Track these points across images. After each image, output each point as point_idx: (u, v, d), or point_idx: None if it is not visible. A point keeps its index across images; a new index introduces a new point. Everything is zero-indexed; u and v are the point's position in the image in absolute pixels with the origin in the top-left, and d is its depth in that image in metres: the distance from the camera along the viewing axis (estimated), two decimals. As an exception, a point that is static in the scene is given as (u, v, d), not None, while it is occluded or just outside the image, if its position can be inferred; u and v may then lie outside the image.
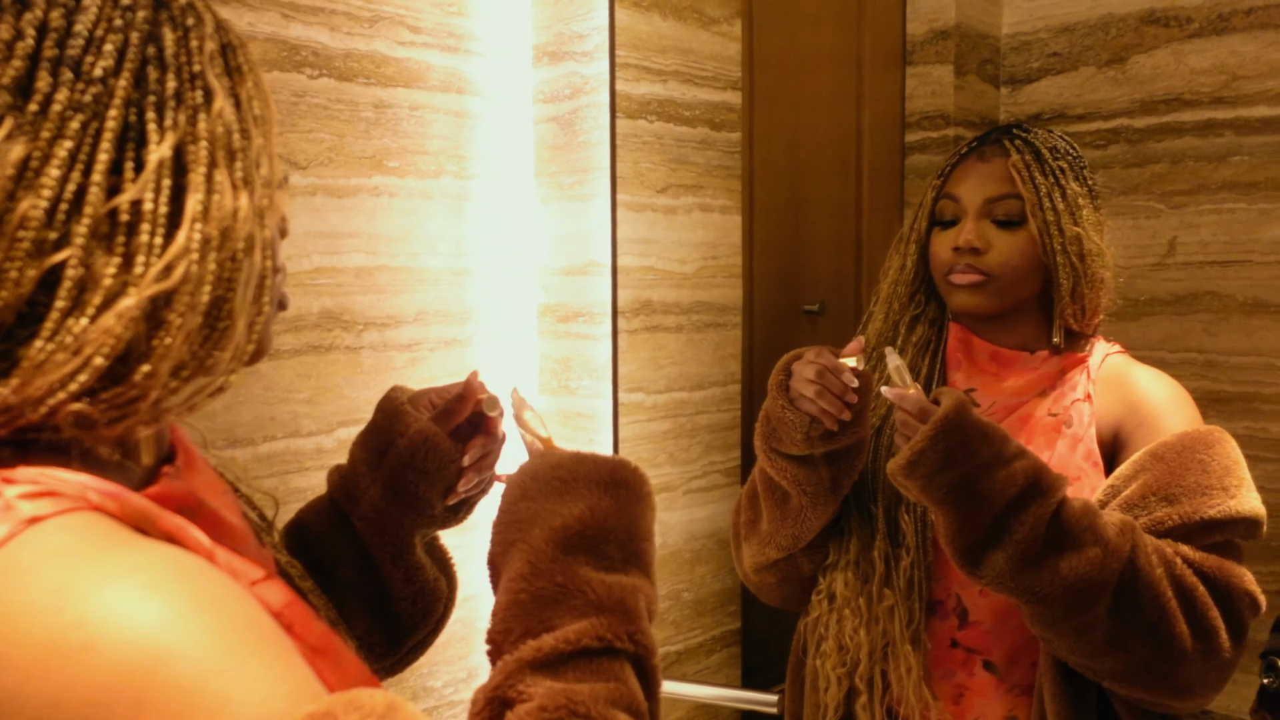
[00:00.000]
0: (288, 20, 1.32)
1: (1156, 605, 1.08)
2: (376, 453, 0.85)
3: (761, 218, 1.93)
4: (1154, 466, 1.15)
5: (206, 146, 0.56)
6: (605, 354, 1.54)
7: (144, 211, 0.54)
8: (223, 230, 0.56)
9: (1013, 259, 1.22)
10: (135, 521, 0.53)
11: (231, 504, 0.68)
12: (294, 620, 0.59)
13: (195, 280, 0.55)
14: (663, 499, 1.63)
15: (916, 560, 1.23)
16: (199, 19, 0.59)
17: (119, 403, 0.54)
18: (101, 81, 0.54)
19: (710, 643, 1.73)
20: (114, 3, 0.56)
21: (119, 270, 0.53)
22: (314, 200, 1.36)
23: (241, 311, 0.58)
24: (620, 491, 0.70)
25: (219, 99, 0.57)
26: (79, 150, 0.53)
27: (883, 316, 1.34)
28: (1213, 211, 2.06)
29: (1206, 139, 2.06)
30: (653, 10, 1.57)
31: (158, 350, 0.54)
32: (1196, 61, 2.06)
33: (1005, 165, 1.23)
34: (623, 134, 1.54)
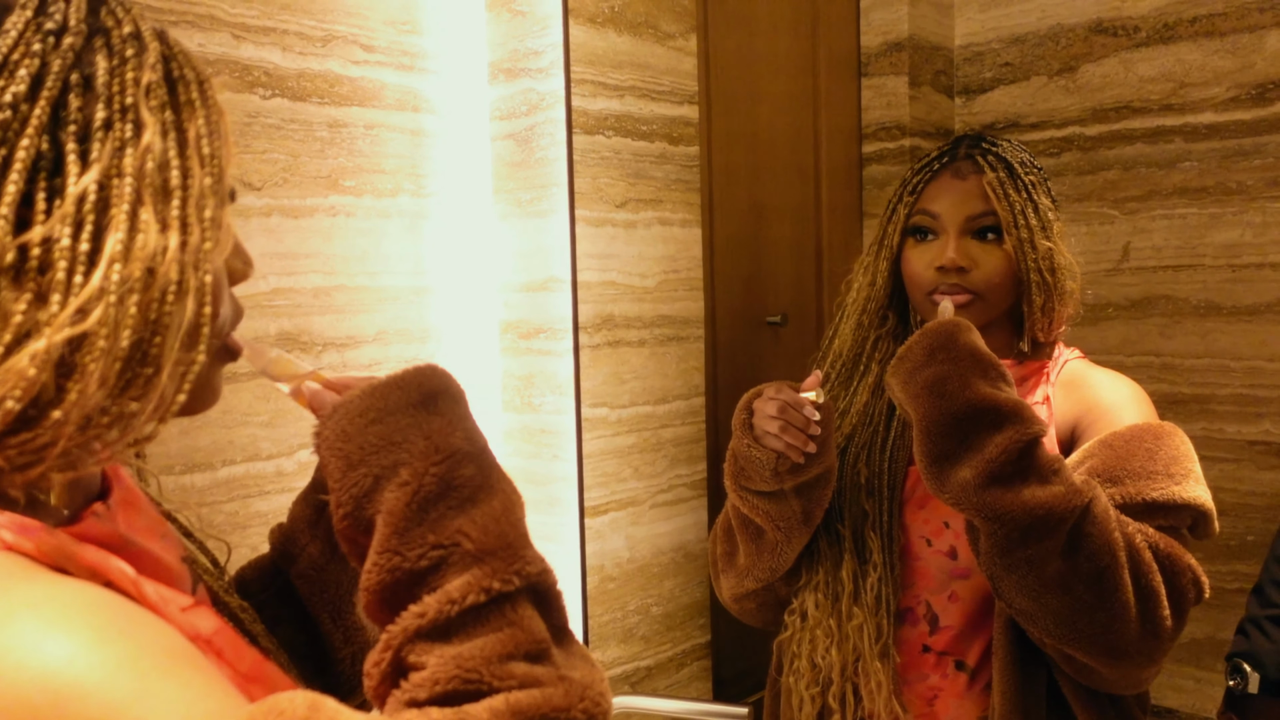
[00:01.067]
0: (239, 41, 1.31)
1: (1107, 553, 1.08)
2: (316, 509, 0.83)
3: (722, 230, 1.94)
4: (1101, 452, 1.17)
5: (132, 182, 0.53)
6: (568, 369, 1.54)
7: (59, 248, 0.51)
8: (146, 271, 0.53)
9: (995, 276, 1.23)
10: (52, 559, 0.51)
11: (171, 546, 0.65)
12: (224, 646, 0.58)
13: (113, 323, 0.51)
14: (628, 513, 1.63)
15: (883, 576, 1.25)
16: (141, 49, 0.56)
17: (28, 449, 0.51)
18: (12, 108, 0.51)
19: (681, 656, 1.73)
20: (37, 27, 0.53)
21: (29, 308, 0.50)
22: (269, 221, 1.35)
23: (168, 359, 0.54)
24: (439, 403, 0.63)
25: (149, 133, 0.54)
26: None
27: (851, 331, 1.34)
28: (1164, 217, 2.09)
29: (1156, 145, 2.09)
30: (608, 26, 1.58)
31: (70, 396, 0.51)
32: (1145, 70, 2.10)
33: (980, 182, 1.24)
34: (580, 149, 1.54)
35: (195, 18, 1.26)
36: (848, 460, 1.29)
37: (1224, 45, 2.01)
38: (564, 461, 1.56)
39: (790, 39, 2.12)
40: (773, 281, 2.09)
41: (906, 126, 2.25)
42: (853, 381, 1.34)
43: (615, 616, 1.62)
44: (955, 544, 1.25)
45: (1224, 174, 2.02)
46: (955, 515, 1.24)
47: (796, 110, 2.14)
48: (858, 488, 1.28)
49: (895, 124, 2.26)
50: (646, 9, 1.63)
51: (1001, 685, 1.18)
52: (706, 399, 1.76)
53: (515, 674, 0.56)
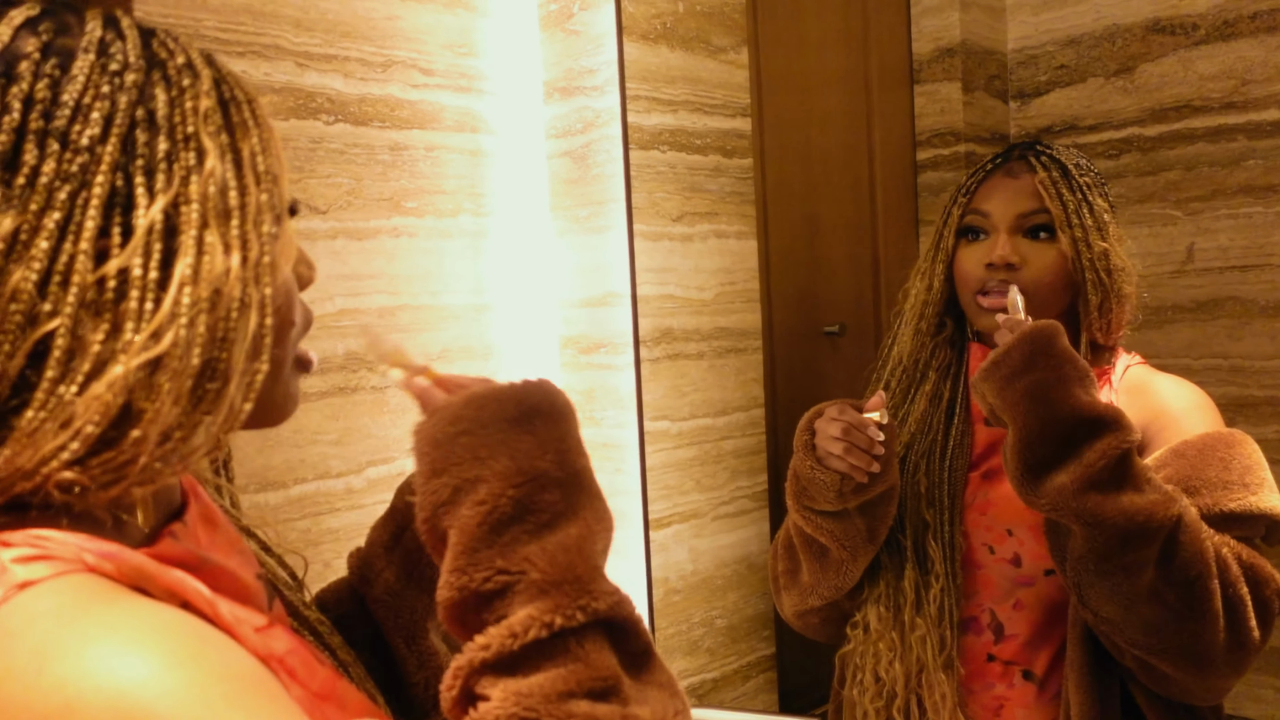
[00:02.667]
0: (302, 69, 1.34)
1: (1200, 562, 1.07)
2: (393, 535, 0.84)
3: (777, 241, 1.94)
4: (1174, 462, 1.15)
5: (198, 208, 0.55)
6: (629, 384, 1.55)
7: (132, 278, 0.53)
8: (213, 291, 0.55)
9: (1046, 275, 1.21)
10: (132, 580, 0.52)
11: (248, 563, 0.67)
12: (297, 666, 0.59)
13: (185, 344, 0.54)
14: (691, 526, 1.63)
15: (946, 587, 1.23)
16: (195, 77, 0.58)
17: (110, 468, 0.53)
18: (89, 150, 0.53)
19: (746, 668, 1.73)
20: (102, 69, 0.55)
21: (107, 337, 0.53)
22: (335, 244, 1.38)
23: (235, 372, 0.57)
24: (535, 423, 0.62)
25: (210, 158, 0.56)
26: (68, 220, 0.53)
27: (910, 337, 1.33)
28: (1229, 216, 2.05)
29: (1219, 144, 2.05)
30: (660, 42, 1.59)
31: (148, 415, 0.53)
32: (1205, 68, 2.07)
33: (1033, 181, 1.23)
34: (636, 165, 1.55)
35: (261, 48, 1.30)
36: (907, 469, 1.28)
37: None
38: (627, 475, 1.56)
39: (841, 48, 2.12)
40: (829, 291, 2.08)
41: (961, 132, 2.23)
42: (911, 389, 1.33)
43: (680, 629, 1.62)
44: (1019, 551, 1.23)
45: (1290, 171, 1.98)
46: (1018, 522, 1.22)
47: (849, 119, 2.14)
48: (918, 497, 1.27)
49: (949, 130, 2.25)
50: (698, 24, 1.65)
51: (1077, 697, 1.16)
52: (766, 410, 1.76)
53: (575, 713, 0.56)
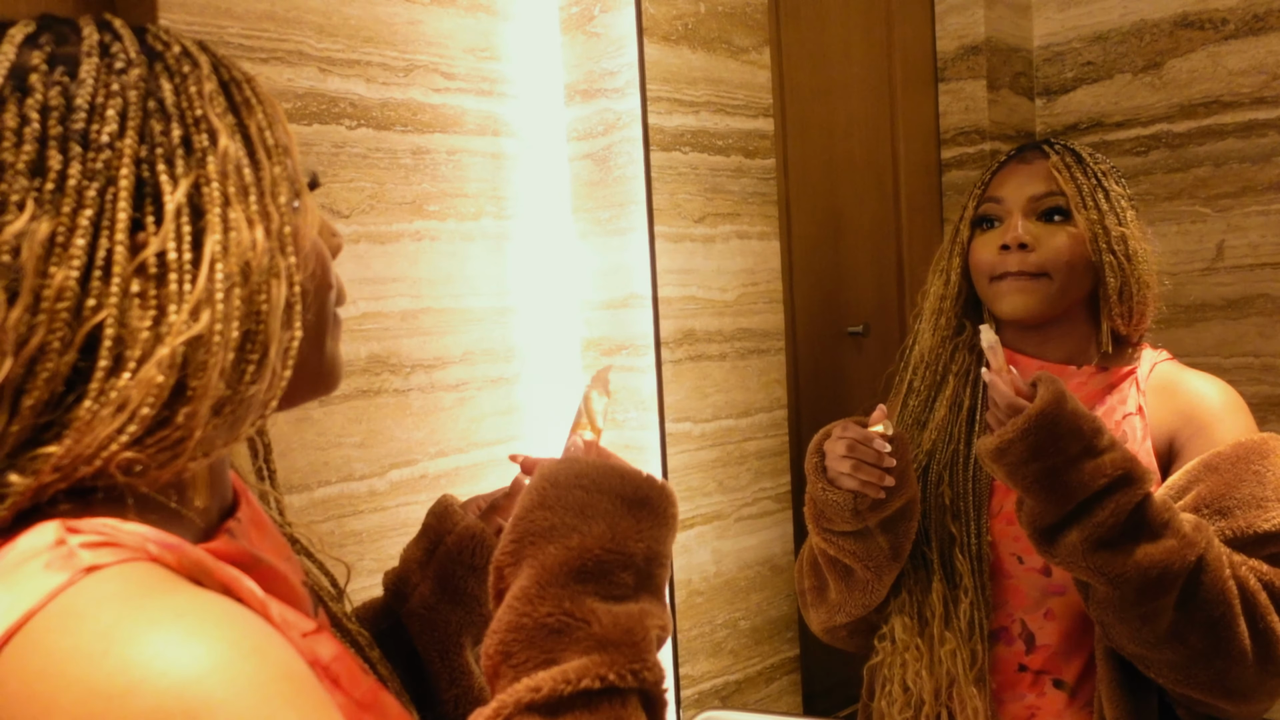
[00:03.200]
0: (325, 74, 1.35)
1: (1221, 602, 1.06)
2: (427, 551, 0.87)
3: (800, 242, 1.93)
4: (1208, 478, 1.13)
5: (218, 186, 0.58)
6: (650, 385, 1.55)
7: (169, 261, 0.56)
8: (243, 265, 0.57)
9: (1063, 254, 1.20)
10: (191, 573, 0.54)
11: (294, 568, 0.68)
12: (341, 674, 0.60)
13: (223, 318, 0.56)
14: (714, 527, 1.63)
15: (975, 600, 1.22)
16: (194, 63, 0.60)
17: (167, 444, 0.55)
18: (109, 146, 0.56)
19: (769, 670, 1.72)
20: (108, 68, 0.57)
21: (154, 322, 0.55)
22: (358, 248, 1.39)
23: (273, 341, 0.59)
24: (643, 512, 0.67)
25: (223, 137, 0.59)
26: (100, 216, 0.55)
27: (930, 332, 1.32)
28: (1260, 213, 2.02)
29: (1249, 140, 2.03)
30: (681, 43, 1.59)
31: (197, 391, 0.55)
32: (1234, 63, 2.04)
33: (1046, 165, 1.23)
34: (657, 166, 1.55)
35: (284, 54, 1.31)
36: (930, 480, 1.26)
37: (1319, 34, 1.94)
38: (649, 477, 1.57)
39: (864, 46, 2.11)
40: (853, 291, 2.07)
41: (986, 130, 2.22)
42: (932, 394, 1.31)
43: (704, 631, 1.62)
44: None
45: (1323, 167, 1.95)
46: None
47: (872, 118, 2.13)
48: (942, 509, 1.25)
49: (974, 128, 2.23)
50: (719, 25, 1.64)
51: (1111, 711, 1.15)
52: (789, 411, 1.75)
53: None
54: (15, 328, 0.53)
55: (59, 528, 0.52)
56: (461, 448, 1.50)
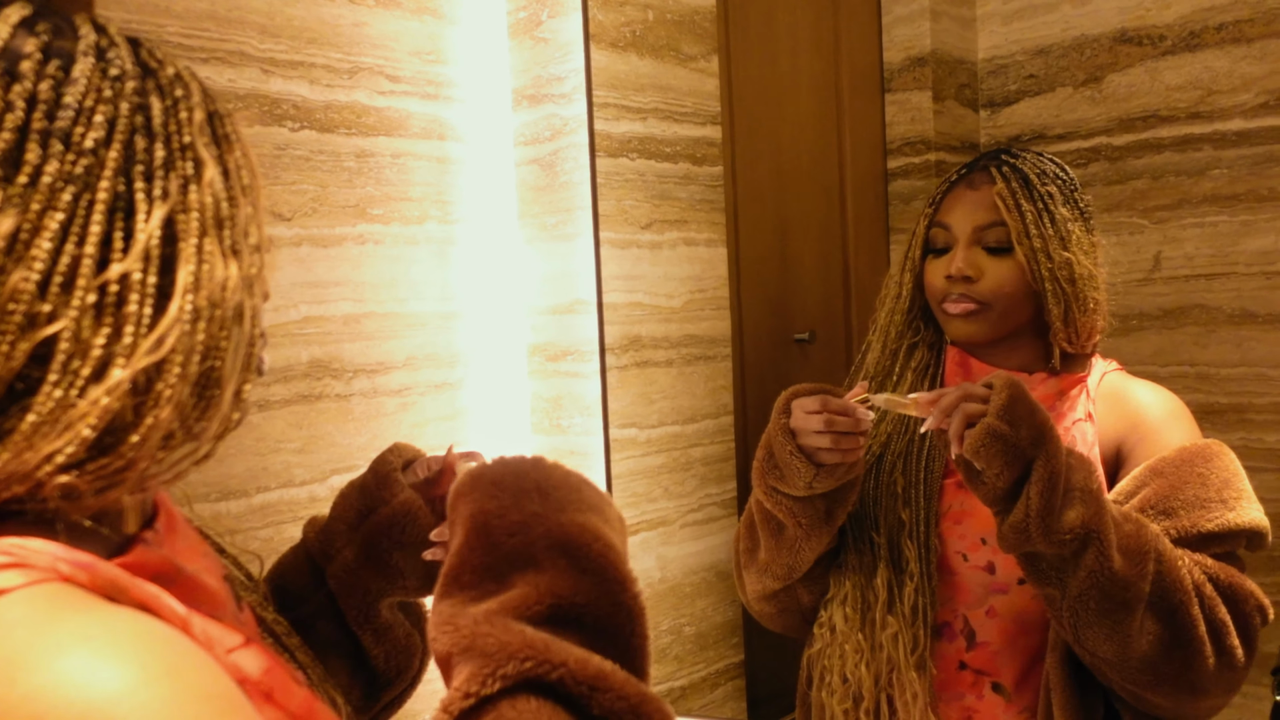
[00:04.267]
0: (267, 75, 1.33)
1: (1179, 589, 1.09)
2: (359, 514, 0.85)
3: (747, 249, 1.94)
4: (1153, 481, 1.16)
5: (197, 217, 0.56)
6: (595, 391, 1.55)
7: (133, 282, 0.53)
8: (213, 300, 0.56)
9: (1004, 286, 1.22)
10: (106, 591, 0.52)
11: (212, 566, 0.67)
12: (273, 687, 0.58)
13: (186, 351, 0.55)
14: (659, 533, 1.63)
15: (920, 586, 1.23)
16: (187, 89, 0.59)
17: (105, 473, 0.53)
18: (93, 153, 0.54)
19: (714, 676, 1.73)
20: (103, 73, 0.55)
21: (107, 342, 0.53)
22: (299, 251, 1.37)
23: (230, 380, 0.58)
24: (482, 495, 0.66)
25: (209, 169, 0.57)
26: (70, 222, 0.52)
27: (880, 345, 1.34)
28: (1195, 225, 2.07)
29: (1185, 154, 2.07)
30: (629, 50, 1.59)
31: (147, 421, 0.54)
32: (1171, 78, 2.09)
33: (992, 194, 1.24)
34: (604, 172, 1.55)
35: (225, 54, 1.29)
36: (884, 468, 1.28)
37: (1251, 51, 2.00)
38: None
39: (812, 57, 2.13)
40: (800, 299, 2.09)
41: (931, 141, 2.25)
42: (887, 391, 1.33)
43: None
44: (993, 559, 1.24)
45: (1255, 181, 2.00)
46: (992, 532, 1.22)
47: (820, 127, 2.15)
48: (894, 496, 1.27)
49: (920, 139, 2.26)
50: (668, 32, 1.65)
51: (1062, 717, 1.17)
52: (735, 417, 1.76)
53: None
54: None
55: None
56: (405, 453, 1.49)
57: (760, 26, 2.00)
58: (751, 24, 1.98)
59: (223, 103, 0.62)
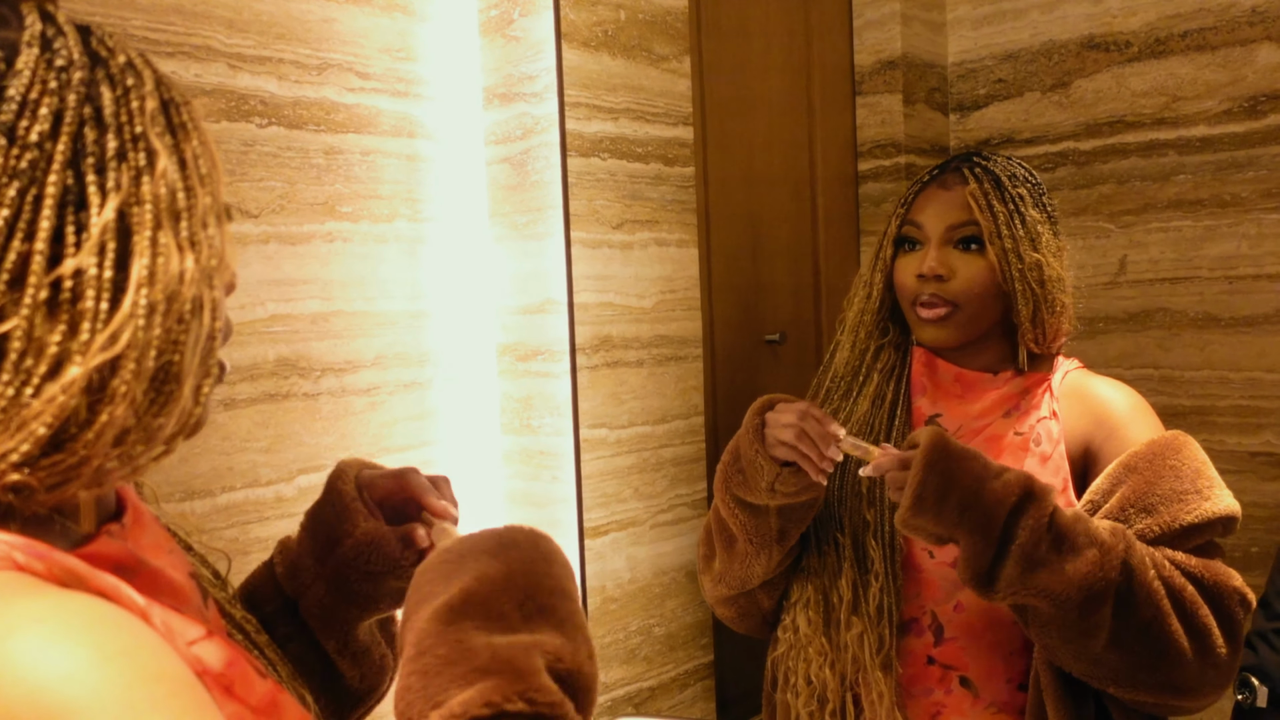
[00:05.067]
0: (235, 70, 1.32)
1: (1150, 604, 1.10)
2: (324, 546, 0.83)
3: (718, 250, 1.95)
4: (1129, 478, 1.18)
5: (151, 209, 0.55)
6: (565, 391, 1.54)
7: (88, 278, 0.52)
8: (169, 294, 0.55)
9: (975, 286, 1.23)
10: (62, 580, 0.51)
11: (178, 562, 0.66)
12: (234, 680, 0.57)
13: (141, 347, 0.53)
14: (629, 534, 1.63)
15: (885, 586, 1.24)
16: (139, 77, 0.57)
17: (59, 470, 0.52)
18: (38, 146, 0.52)
19: (683, 677, 1.73)
20: (48, 64, 0.54)
21: (64, 338, 0.51)
22: (267, 248, 1.36)
23: (188, 376, 0.56)
24: (510, 553, 0.65)
25: (162, 159, 0.56)
26: (17, 218, 0.51)
27: (850, 345, 1.35)
28: (1160, 230, 2.10)
29: (1150, 159, 2.10)
30: (601, 49, 1.59)
31: (101, 418, 0.52)
32: (1137, 84, 2.11)
33: (964, 193, 1.25)
34: (576, 172, 1.55)
35: (191, 49, 1.28)
36: (849, 467, 1.28)
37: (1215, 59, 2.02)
38: (563, 483, 1.56)
39: (783, 58, 2.13)
40: (770, 300, 2.09)
41: (901, 144, 2.26)
42: (853, 392, 1.34)
43: (618, 638, 1.62)
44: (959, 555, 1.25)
45: (1218, 186, 2.03)
46: None
47: (791, 129, 2.16)
48: (858, 496, 1.28)
49: (890, 141, 2.27)
50: (640, 32, 1.65)
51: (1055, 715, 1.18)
52: (706, 418, 1.76)
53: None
54: None
55: None
56: (373, 453, 1.48)
57: (732, 28, 2.00)
58: (723, 26, 1.98)
59: (179, 90, 0.61)
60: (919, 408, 1.31)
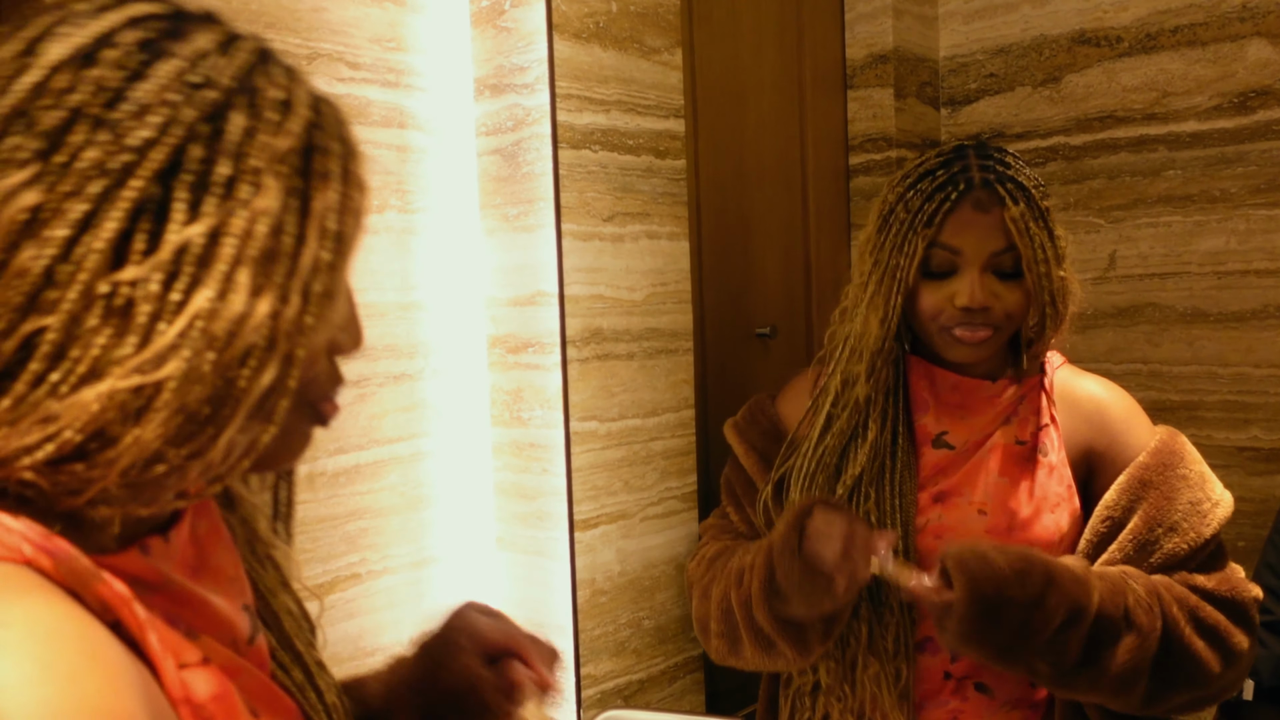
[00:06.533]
0: (224, 59, 1.31)
1: (1186, 657, 1.14)
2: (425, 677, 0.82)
3: (709, 243, 1.94)
4: (1147, 494, 1.19)
5: (235, 243, 0.53)
6: (556, 383, 1.54)
7: (148, 292, 0.51)
8: (229, 333, 0.52)
9: (1016, 309, 1.20)
10: (67, 581, 0.50)
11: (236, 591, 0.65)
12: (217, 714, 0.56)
13: (182, 378, 0.51)
14: (619, 526, 1.63)
15: (901, 620, 1.22)
16: (286, 115, 0.56)
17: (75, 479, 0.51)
18: (135, 150, 0.51)
19: (673, 669, 1.73)
20: (180, 76, 0.53)
21: (108, 345, 0.50)
22: (256, 238, 1.35)
23: (233, 424, 0.54)
24: None
25: (268, 197, 0.54)
26: (93, 215, 0.50)
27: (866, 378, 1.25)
28: (1150, 225, 2.10)
29: (1140, 154, 2.11)
30: (593, 41, 1.58)
31: (127, 440, 0.51)
32: (1127, 79, 2.12)
33: (1003, 216, 1.17)
34: (567, 164, 1.54)
35: (180, 37, 1.27)
36: (859, 497, 1.24)
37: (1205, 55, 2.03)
38: (553, 475, 1.56)
39: (775, 52, 2.13)
40: (761, 293, 2.09)
41: (892, 138, 2.26)
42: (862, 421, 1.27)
43: (607, 630, 1.62)
44: None
45: (1208, 182, 2.03)
46: None
47: (782, 123, 2.15)
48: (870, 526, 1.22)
49: (881, 135, 2.27)
50: (631, 24, 1.64)
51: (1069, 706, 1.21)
52: (696, 411, 1.76)
53: None
54: None
55: None
56: (362, 444, 1.48)
57: (724, 21, 2.00)
58: (715, 18, 1.98)
59: (348, 142, 0.59)
60: (923, 426, 1.27)
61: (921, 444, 1.26)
